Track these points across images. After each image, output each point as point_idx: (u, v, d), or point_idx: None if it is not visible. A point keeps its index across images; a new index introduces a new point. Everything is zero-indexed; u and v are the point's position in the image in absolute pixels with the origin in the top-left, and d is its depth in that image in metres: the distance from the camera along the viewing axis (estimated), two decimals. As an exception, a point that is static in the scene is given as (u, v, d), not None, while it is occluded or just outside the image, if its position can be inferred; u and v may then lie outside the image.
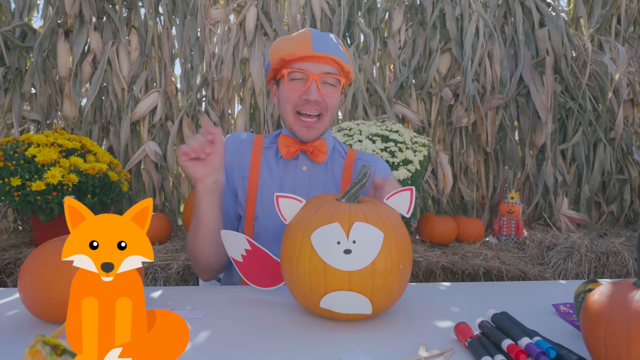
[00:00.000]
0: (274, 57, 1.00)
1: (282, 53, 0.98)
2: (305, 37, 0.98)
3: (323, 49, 0.97)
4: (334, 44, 1.01)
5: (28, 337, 0.71)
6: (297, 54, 0.97)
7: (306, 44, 0.97)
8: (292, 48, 0.98)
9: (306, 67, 0.98)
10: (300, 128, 1.02)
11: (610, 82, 2.42)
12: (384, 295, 0.72)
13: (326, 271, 0.70)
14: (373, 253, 0.69)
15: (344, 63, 1.01)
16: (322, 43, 0.98)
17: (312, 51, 0.96)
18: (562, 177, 2.51)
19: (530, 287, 0.96)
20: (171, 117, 2.48)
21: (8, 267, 1.84)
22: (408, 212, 0.77)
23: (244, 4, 2.50)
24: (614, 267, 1.96)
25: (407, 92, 2.53)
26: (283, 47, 0.99)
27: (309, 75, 0.98)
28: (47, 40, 2.37)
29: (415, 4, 2.56)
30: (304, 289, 0.72)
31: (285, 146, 1.06)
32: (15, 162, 1.77)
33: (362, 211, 0.73)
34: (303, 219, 0.75)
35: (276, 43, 1.03)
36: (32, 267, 0.74)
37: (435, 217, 2.18)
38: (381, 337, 0.70)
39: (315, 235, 0.71)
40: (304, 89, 0.98)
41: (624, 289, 0.54)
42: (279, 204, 0.78)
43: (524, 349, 0.59)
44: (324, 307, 0.72)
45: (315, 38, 0.98)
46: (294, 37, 1.00)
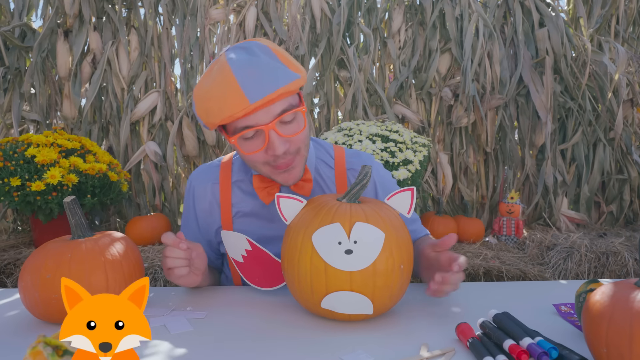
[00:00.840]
0: (207, 121, 0.80)
1: (216, 119, 0.78)
2: (232, 89, 0.75)
3: (261, 92, 0.75)
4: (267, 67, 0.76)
5: (28, 337, 0.70)
6: (233, 116, 0.76)
7: (238, 98, 0.75)
8: (226, 110, 0.76)
9: (252, 120, 0.78)
10: (278, 176, 0.86)
11: (609, 82, 2.42)
12: (385, 296, 0.72)
13: (327, 271, 0.69)
14: (374, 253, 0.69)
15: (292, 85, 0.78)
16: (256, 82, 0.75)
17: (250, 104, 0.75)
18: (562, 177, 2.51)
19: (531, 287, 0.96)
20: (171, 117, 2.48)
21: (8, 268, 1.84)
22: (409, 213, 0.77)
23: (244, 4, 2.50)
24: (614, 267, 1.96)
25: (407, 92, 2.53)
26: (211, 112, 0.78)
27: (262, 129, 0.78)
28: (47, 40, 2.37)
29: (415, 4, 2.56)
30: (305, 289, 0.72)
31: (263, 189, 0.91)
32: (15, 162, 1.77)
33: (363, 211, 0.73)
34: (304, 220, 0.75)
35: (199, 103, 0.80)
36: (32, 268, 0.73)
37: (435, 217, 2.18)
38: (382, 337, 0.70)
39: (317, 236, 0.71)
40: (264, 146, 0.80)
41: (626, 289, 0.54)
42: (280, 205, 0.78)
43: (526, 349, 0.59)
44: (325, 307, 0.72)
45: (244, 80, 0.75)
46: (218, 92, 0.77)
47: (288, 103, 0.80)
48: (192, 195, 1.00)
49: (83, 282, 0.72)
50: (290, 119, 0.81)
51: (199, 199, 0.99)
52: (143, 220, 2.12)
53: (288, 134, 0.81)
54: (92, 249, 0.76)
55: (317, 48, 2.53)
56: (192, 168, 2.55)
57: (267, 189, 0.91)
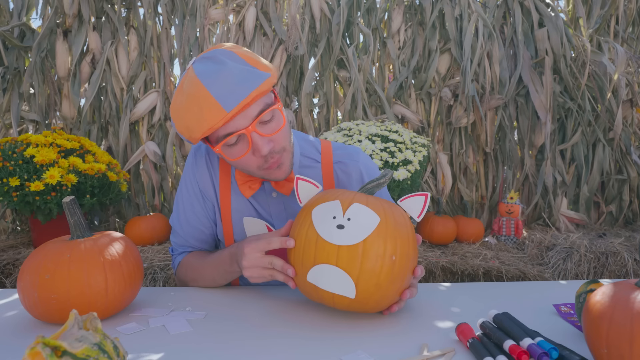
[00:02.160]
0: (190, 137, 0.81)
1: (197, 134, 0.79)
2: (207, 102, 0.76)
3: (236, 99, 0.76)
4: (236, 74, 0.77)
5: (27, 338, 0.70)
6: (213, 127, 0.77)
7: (215, 110, 0.76)
8: (205, 124, 0.77)
9: (232, 126, 0.79)
10: (272, 174, 0.87)
11: (609, 82, 2.42)
12: (371, 282, 0.70)
13: (317, 243, 0.71)
14: (365, 233, 0.70)
15: (264, 85, 0.78)
16: (229, 91, 0.76)
17: (227, 112, 0.76)
18: (561, 177, 2.51)
19: (531, 287, 0.96)
20: (170, 118, 2.47)
21: (7, 268, 1.83)
22: (419, 217, 0.77)
23: (243, 4, 2.50)
24: (613, 267, 1.96)
25: (407, 92, 2.53)
26: (192, 128, 0.79)
27: (244, 132, 0.79)
28: (46, 40, 2.37)
29: (415, 4, 2.56)
30: (297, 260, 0.75)
31: (244, 183, 0.93)
32: (14, 162, 1.76)
33: (367, 198, 0.75)
34: (312, 200, 0.78)
35: (178, 122, 0.81)
36: (31, 268, 0.73)
37: (435, 218, 2.18)
38: (382, 337, 0.69)
39: (316, 210, 0.74)
40: (249, 149, 0.81)
41: (626, 290, 0.54)
42: (298, 186, 0.80)
43: (526, 349, 0.59)
44: (310, 281, 0.72)
45: (217, 91, 0.76)
46: (194, 108, 0.77)
47: (264, 103, 0.81)
48: (192, 164, 0.99)
49: (82, 282, 0.72)
50: (269, 117, 0.82)
51: (201, 170, 0.98)
52: (142, 221, 2.12)
53: (269, 133, 0.82)
54: (91, 249, 0.76)
55: (316, 48, 2.53)
56: (192, 168, 2.54)
57: (249, 183, 0.93)
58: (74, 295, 0.72)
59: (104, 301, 0.75)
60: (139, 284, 0.83)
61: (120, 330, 0.73)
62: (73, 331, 0.50)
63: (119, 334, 0.71)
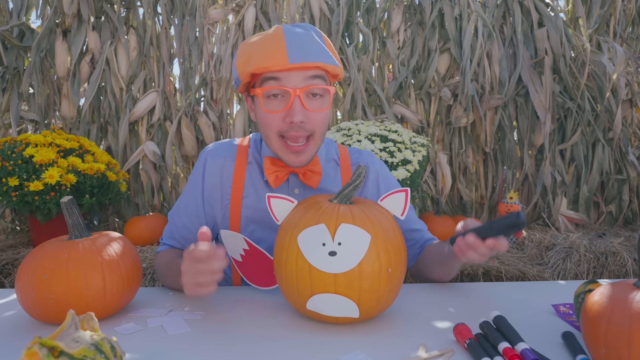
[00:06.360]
0: (243, 71, 0.84)
1: (252, 67, 0.82)
2: (277, 45, 0.80)
3: (302, 57, 0.80)
4: (315, 43, 0.83)
5: (25, 338, 0.70)
6: (270, 67, 0.80)
7: (280, 53, 0.80)
8: (264, 61, 0.81)
9: (284, 79, 0.81)
10: (287, 155, 0.88)
11: (608, 82, 2.42)
12: (372, 300, 0.70)
13: (311, 273, 0.69)
14: (359, 256, 0.68)
15: (331, 66, 0.84)
16: (301, 48, 0.81)
17: (288, 63, 0.79)
18: (561, 177, 2.51)
19: (530, 287, 0.96)
20: (170, 117, 2.47)
21: (6, 268, 1.83)
22: (402, 215, 0.76)
23: (243, 3, 2.50)
24: (613, 267, 1.96)
25: (406, 92, 2.53)
26: (252, 59, 0.83)
27: (289, 91, 0.81)
28: (45, 40, 2.36)
29: (414, 4, 2.56)
30: (292, 289, 0.72)
31: (272, 172, 0.91)
32: (13, 162, 1.76)
33: (351, 213, 0.72)
34: (292, 220, 0.74)
35: (243, 51, 0.85)
36: (29, 268, 0.73)
37: (434, 218, 2.18)
38: (380, 338, 0.69)
39: (302, 237, 0.70)
40: (284, 109, 0.82)
41: (625, 290, 0.54)
42: (271, 205, 0.77)
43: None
44: (310, 309, 0.71)
45: (291, 43, 0.80)
46: (264, 44, 0.82)
47: (322, 80, 0.85)
48: (203, 167, 0.98)
49: (80, 282, 0.72)
50: (319, 92, 0.85)
51: (210, 172, 0.97)
52: (142, 221, 2.12)
53: (311, 108, 0.84)
54: (89, 249, 0.75)
55: (316, 48, 2.52)
56: (191, 168, 2.55)
57: (277, 173, 0.92)
58: (71, 295, 0.72)
59: (102, 301, 0.74)
60: (137, 284, 0.83)
61: (118, 330, 0.73)
62: (70, 331, 0.50)
63: (117, 334, 0.71)
